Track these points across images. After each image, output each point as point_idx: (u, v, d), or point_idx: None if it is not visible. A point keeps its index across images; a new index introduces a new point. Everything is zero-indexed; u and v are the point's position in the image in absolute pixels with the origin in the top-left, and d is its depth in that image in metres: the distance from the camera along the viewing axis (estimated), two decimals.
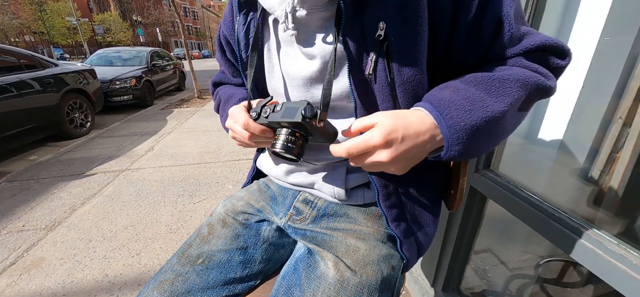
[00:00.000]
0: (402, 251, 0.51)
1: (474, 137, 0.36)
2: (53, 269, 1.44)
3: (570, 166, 0.77)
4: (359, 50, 0.40)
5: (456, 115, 0.36)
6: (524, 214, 0.68)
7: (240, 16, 0.51)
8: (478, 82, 0.38)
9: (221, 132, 3.64)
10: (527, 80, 0.38)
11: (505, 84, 0.37)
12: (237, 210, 0.60)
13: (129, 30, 35.96)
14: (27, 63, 3.24)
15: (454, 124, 0.35)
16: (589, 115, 0.71)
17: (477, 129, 0.36)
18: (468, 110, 0.36)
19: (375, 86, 0.41)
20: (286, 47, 0.48)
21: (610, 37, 0.64)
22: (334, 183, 0.51)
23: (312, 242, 0.52)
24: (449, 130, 0.36)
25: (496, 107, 0.36)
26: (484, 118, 0.36)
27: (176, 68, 7.56)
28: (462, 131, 0.35)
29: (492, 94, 0.37)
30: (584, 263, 0.58)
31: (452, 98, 0.37)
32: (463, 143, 0.36)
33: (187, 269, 0.50)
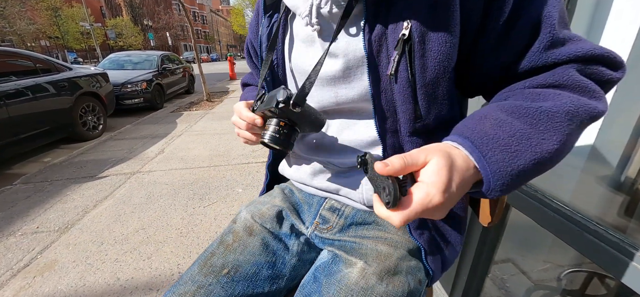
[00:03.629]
0: (426, 262, 0.48)
1: (520, 179, 0.32)
2: (66, 271, 1.46)
3: (600, 173, 0.74)
4: (381, 49, 0.39)
5: (501, 159, 0.31)
6: (552, 224, 0.64)
7: (265, 18, 0.51)
8: (522, 114, 0.33)
9: (230, 135, 3.66)
10: (578, 111, 0.33)
11: (555, 118, 0.32)
12: (264, 215, 0.56)
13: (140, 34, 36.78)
14: (43, 67, 3.33)
15: (499, 169, 0.31)
16: (622, 120, 0.67)
17: (524, 172, 0.32)
18: (514, 152, 0.31)
19: (395, 87, 0.40)
20: (307, 46, 0.47)
21: None
22: (361, 188, 0.49)
23: (340, 249, 0.50)
24: (494, 175, 0.31)
25: (545, 147, 0.32)
26: (533, 160, 0.31)
27: (186, 71, 7.67)
28: (508, 177, 0.31)
29: (539, 130, 0.32)
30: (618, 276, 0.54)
31: (495, 135, 0.32)
32: (507, 187, 0.32)
33: (210, 280, 0.46)
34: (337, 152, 0.50)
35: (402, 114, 0.41)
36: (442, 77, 0.38)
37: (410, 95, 0.39)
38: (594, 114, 0.34)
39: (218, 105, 5.80)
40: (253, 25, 0.58)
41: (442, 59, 0.37)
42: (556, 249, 1.01)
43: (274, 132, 0.42)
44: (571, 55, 0.35)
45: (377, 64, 0.40)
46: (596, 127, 0.69)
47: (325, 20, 0.43)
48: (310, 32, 0.45)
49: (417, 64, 0.37)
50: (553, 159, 0.33)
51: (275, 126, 0.42)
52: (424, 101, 0.39)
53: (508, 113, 0.34)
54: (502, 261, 1.09)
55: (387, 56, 0.39)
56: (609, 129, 0.69)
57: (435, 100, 0.40)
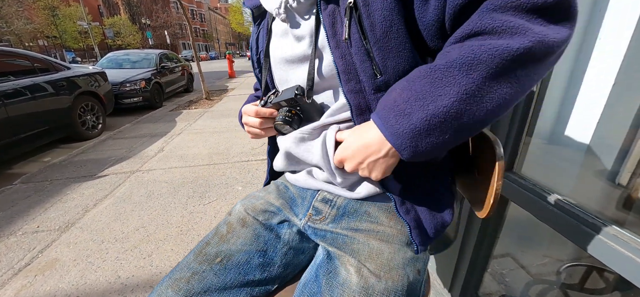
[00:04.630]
0: (412, 237, 0.48)
1: (419, 138, 0.36)
2: (67, 270, 1.46)
3: (598, 167, 0.74)
4: (335, 21, 0.44)
5: (395, 122, 0.37)
6: (551, 218, 0.65)
7: (254, 27, 0.59)
8: (421, 75, 0.37)
9: (230, 133, 3.66)
10: (477, 58, 0.32)
11: (448, 73, 0.34)
12: (257, 209, 0.59)
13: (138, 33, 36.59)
14: (41, 67, 3.32)
15: (395, 132, 0.38)
16: (620, 114, 0.67)
17: (418, 131, 0.36)
18: (407, 114, 0.36)
19: (352, 50, 0.43)
20: (283, 39, 0.53)
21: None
22: (331, 151, 0.50)
23: (333, 245, 0.50)
24: (393, 137, 0.38)
25: (439, 103, 0.34)
26: (424, 118, 0.35)
27: (184, 70, 7.65)
28: (404, 136, 0.37)
29: (435, 86, 0.35)
30: (618, 269, 0.55)
31: (395, 102, 0.38)
32: (409, 147, 0.37)
33: (204, 268, 0.49)
34: (313, 123, 0.53)
35: (362, 73, 0.44)
36: (389, 30, 0.41)
37: (365, 53, 0.42)
38: (504, 54, 0.31)
39: (217, 104, 5.79)
40: (251, 38, 0.65)
41: (386, 14, 0.40)
42: (555, 243, 1.02)
43: (286, 116, 0.50)
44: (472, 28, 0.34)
45: (335, 33, 0.44)
46: (594, 121, 0.69)
47: (290, 11, 0.49)
48: (284, 26, 0.51)
49: (366, 24, 0.41)
50: (455, 115, 0.34)
51: (286, 111, 0.50)
52: (379, 57, 0.42)
53: (411, 79, 0.39)
54: (501, 255, 1.09)
55: (341, 25, 0.43)
56: (607, 123, 0.69)
57: (390, 54, 0.42)
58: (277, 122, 0.51)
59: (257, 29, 0.59)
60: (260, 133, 0.58)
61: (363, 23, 0.41)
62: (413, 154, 0.38)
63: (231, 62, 11.47)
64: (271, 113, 0.54)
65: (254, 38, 0.60)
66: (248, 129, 0.59)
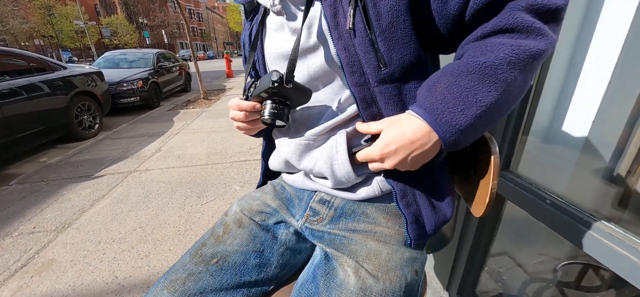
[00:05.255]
0: (407, 231, 0.48)
1: (470, 132, 0.38)
2: (63, 271, 1.45)
3: (594, 166, 0.74)
4: (337, 11, 0.42)
5: (450, 119, 0.38)
6: (547, 216, 0.65)
7: (247, 23, 0.57)
8: (468, 71, 0.38)
9: (227, 133, 3.65)
10: (519, 57, 0.36)
11: (498, 70, 0.36)
12: (253, 210, 0.58)
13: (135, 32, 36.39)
14: (37, 66, 3.29)
15: (449, 128, 0.38)
16: (616, 112, 0.68)
17: (472, 125, 0.38)
18: (461, 111, 0.37)
19: (355, 40, 0.42)
20: (278, 33, 0.51)
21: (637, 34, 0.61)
22: (338, 162, 0.49)
23: (331, 246, 0.50)
24: (445, 133, 0.38)
25: (490, 98, 0.37)
26: (478, 114, 0.37)
27: (182, 69, 7.61)
28: (458, 133, 0.38)
29: (484, 82, 0.37)
30: (612, 267, 0.55)
31: (444, 98, 0.38)
32: (460, 141, 0.39)
33: (200, 269, 0.49)
34: (314, 124, 0.51)
35: (366, 65, 0.43)
36: (396, 21, 0.40)
37: (369, 44, 0.41)
38: (536, 54, 0.36)
39: (215, 103, 5.78)
40: (242, 34, 0.63)
41: (393, 4, 0.40)
42: (551, 241, 1.02)
43: (272, 109, 0.47)
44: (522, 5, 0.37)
45: (337, 24, 0.43)
46: (589, 120, 0.70)
47: (286, 3, 0.47)
48: (280, 20, 0.49)
49: (372, 13, 0.40)
50: (501, 107, 0.38)
51: (271, 104, 0.47)
52: (384, 48, 0.41)
53: (456, 74, 0.39)
54: (498, 254, 1.10)
55: (344, 14, 0.42)
56: (603, 122, 0.69)
57: (395, 45, 0.41)
58: (264, 118, 0.47)
59: (250, 25, 0.56)
60: (248, 127, 0.55)
61: (368, 12, 0.40)
62: (459, 145, 0.40)
63: (229, 62, 11.44)
64: (253, 106, 0.51)
65: (246, 34, 0.58)
66: (236, 125, 0.57)
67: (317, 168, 0.51)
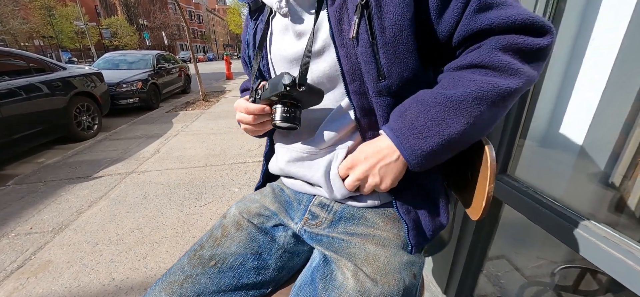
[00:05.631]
0: (408, 238, 0.49)
1: (432, 157, 0.41)
2: (60, 272, 1.44)
3: (591, 170, 0.75)
4: (342, 18, 0.43)
5: (413, 144, 0.41)
6: (544, 220, 0.65)
7: (251, 22, 0.57)
8: (436, 102, 0.40)
9: (227, 135, 3.65)
10: (486, 94, 0.39)
11: (462, 105, 0.39)
12: (252, 212, 0.58)
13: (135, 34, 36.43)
14: (36, 67, 3.29)
15: (412, 152, 0.41)
16: (611, 118, 0.68)
17: (434, 151, 0.41)
18: (425, 138, 0.40)
19: (358, 49, 0.42)
20: (282, 35, 0.52)
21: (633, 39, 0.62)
22: (335, 179, 0.50)
23: (329, 249, 0.50)
24: (408, 156, 0.42)
25: (453, 130, 0.40)
26: (440, 142, 0.40)
27: (182, 71, 7.62)
28: (420, 157, 0.41)
29: (449, 115, 0.40)
30: (609, 270, 0.55)
31: (411, 125, 0.41)
32: (422, 164, 0.42)
33: (198, 271, 0.48)
34: (315, 130, 0.52)
35: (366, 74, 0.43)
36: (399, 35, 0.41)
37: (371, 55, 0.42)
38: (505, 92, 0.39)
39: (214, 105, 5.78)
40: (243, 32, 0.63)
41: (397, 18, 0.41)
42: (549, 245, 1.02)
43: (283, 113, 0.47)
44: (494, 24, 0.39)
45: (341, 31, 0.43)
46: (586, 124, 0.70)
47: (291, 5, 0.48)
48: (284, 22, 0.50)
49: (376, 25, 0.41)
50: (464, 137, 0.41)
51: (282, 107, 0.47)
52: (385, 60, 0.42)
53: (425, 103, 0.41)
54: (496, 257, 1.10)
55: (348, 22, 0.43)
56: (599, 126, 0.70)
57: (396, 59, 0.42)
58: (276, 122, 0.47)
59: (255, 24, 0.56)
60: (256, 130, 0.55)
61: (373, 23, 0.41)
62: (424, 166, 0.42)
63: (229, 64, 11.47)
64: (263, 109, 0.50)
65: (251, 33, 0.57)
66: (243, 127, 0.56)
67: (315, 179, 0.52)
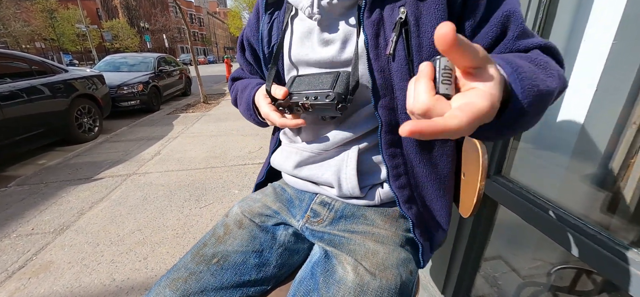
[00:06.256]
0: (415, 235, 0.50)
1: (537, 103, 0.33)
2: (61, 273, 1.45)
3: (584, 171, 0.76)
4: (378, 33, 0.43)
5: (529, 80, 0.33)
6: (538, 220, 0.67)
7: (265, 16, 0.55)
8: (531, 60, 0.37)
9: (227, 137, 3.66)
10: (559, 71, 0.37)
11: (549, 66, 0.37)
12: (254, 211, 0.59)
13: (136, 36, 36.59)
14: (38, 69, 3.32)
15: (528, 86, 0.32)
16: (603, 119, 0.70)
17: (541, 96, 0.33)
18: (535, 79, 0.33)
19: (393, 65, 0.43)
20: (305, 38, 0.51)
21: (623, 40, 0.64)
22: (345, 177, 0.51)
23: (330, 245, 0.51)
24: (523, 91, 0.32)
25: (550, 84, 0.35)
26: (546, 88, 0.34)
27: (182, 73, 7.65)
28: (532, 95, 0.32)
29: (542, 72, 0.36)
30: (601, 271, 0.56)
31: (522, 65, 0.34)
32: (529, 105, 0.32)
33: (201, 268, 0.49)
34: (327, 132, 0.53)
35: (399, 91, 0.44)
36: (437, 53, 0.41)
37: (407, 72, 0.43)
38: (564, 82, 0.38)
39: (215, 108, 5.80)
40: (252, 22, 0.61)
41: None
42: (545, 246, 1.04)
43: (322, 119, 0.49)
44: (536, 44, 0.40)
45: (377, 45, 0.43)
46: (579, 126, 0.72)
47: (324, 11, 0.47)
48: (308, 25, 0.50)
49: (414, 43, 0.41)
50: (549, 99, 0.35)
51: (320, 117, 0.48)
52: None
53: (520, 57, 0.37)
54: (493, 258, 1.11)
55: (385, 38, 0.43)
56: (591, 128, 0.71)
57: None
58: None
59: (270, 19, 0.54)
60: (289, 122, 0.52)
61: (410, 41, 0.41)
62: (520, 114, 0.33)
63: (229, 66, 11.49)
64: (297, 124, 0.49)
65: (265, 29, 0.55)
66: (276, 120, 0.53)
67: (324, 178, 0.53)
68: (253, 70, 0.70)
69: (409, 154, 0.49)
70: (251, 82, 0.64)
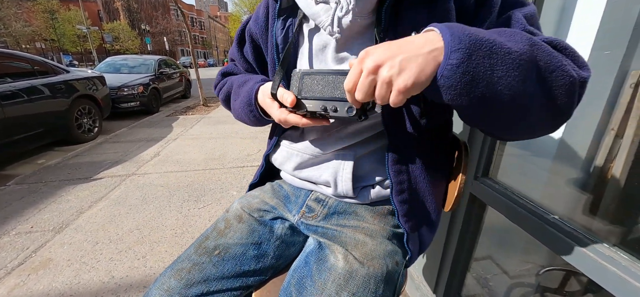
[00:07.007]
0: (407, 245, 0.54)
1: (475, 48, 0.32)
2: (60, 270, 1.47)
3: (567, 174, 0.80)
4: None
5: (461, 27, 0.34)
6: (521, 220, 0.70)
7: (278, 21, 0.55)
8: (490, 29, 0.38)
9: (226, 139, 3.69)
10: (536, 42, 0.35)
11: (516, 34, 0.36)
12: (252, 207, 0.63)
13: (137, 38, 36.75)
14: (40, 69, 3.35)
15: (457, 32, 0.33)
16: (584, 125, 0.74)
17: (480, 42, 0.33)
18: (474, 29, 0.35)
19: None
20: (321, 52, 0.53)
21: (600, 50, 0.68)
22: (341, 180, 0.55)
23: (323, 237, 0.55)
24: (451, 34, 0.33)
25: (503, 41, 0.34)
26: (489, 38, 0.33)
27: (182, 76, 7.70)
28: (465, 38, 0.32)
29: (500, 34, 0.36)
30: (578, 266, 0.60)
31: (471, 30, 0.34)
32: (463, 50, 0.32)
33: (203, 259, 0.53)
34: (319, 140, 0.56)
35: (407, 111, 0.48)
36: None
37: (420, 95, 0.45)
38: (556, 61, 0.36)
39: (214, 110, 5.84)
40: (261, 20, 0.59)
41: None
42: (532, 247, 1.07)
43: None
44: (541, 37, 0.41)
45: None
46: (560, 130, 0.76)
47: (343, 30, 0.48)
48: (325, 40, 0.51)
49: None
50: (508, 67, 0.33)
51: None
52: (430, 103, 0.46)
53: (496, 32, 0.37)
54: (483, 258, 1.14)
55: None
56: (573, 133, 0.75)
57: (440, 105, 0.46)
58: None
59: (283, 26, 0.54)
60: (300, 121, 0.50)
61: None
62: (460, 62, 0.32)
63: None
64: (322, 123, 0.48)
65: (280, 35, 0.54)
66: (290, 119, 0.50)
67: (322, 178, 0.57)
68: (249, 68, 0.68)
69: (414, 171, 0.53)
70: (253, 77, 0.62)
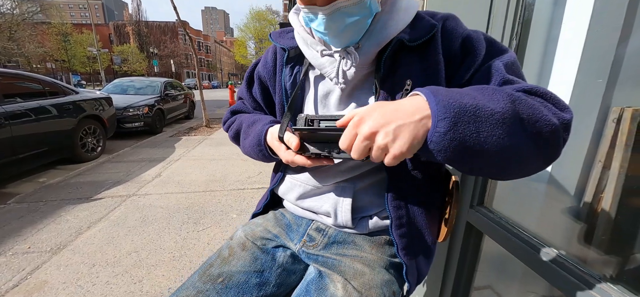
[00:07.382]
0: (406, 277, 0.56)
1: (460, 115, 0.35)
2: (55, 293, 1.45)
3: (560, 203, 0.82)
4: (389, 100, 0.51)
5: (445, 94, 0.37)
6: (515, 249, 0.71)
7: (286, 68, 0.61)
8: (472, 88, 0.41)
9: (227, 161, 3.72)
10: (516, 97, 0.38)
11: (497, 93, 0.38)
12: (256, 235, 0.65)
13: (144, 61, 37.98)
14: (51, 90, 3.47)
15: (442, 100, 0.36)
16: (573, 157, 0.77)
17: (465, 109, 0.35)
18: (458, 94, 0.37)
19: None
20: (325, 97, 0.59)
21: (583, 87, 0.72)
22: (341, 211, 0.58)
23: (324, 266, 0.57)
24: (437, 103, 0.36)
25: (485, 103, 0.36)
26: (473, 103, 0.36)
27: (187, 97, 7.89)
28: (449, 107, 0.35)
29: (483, 95, 0.38)
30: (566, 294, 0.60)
31: (454, 93, 0.38)
32: (449, 120, 0.35)
33: (207, 287, 0.54)
34: (321, 173, 0.60)
35: None
36: None
37: None
38: (535, 112, 0.37)
39: (216, 132, 5.92)
40: (269, 65, 0.65)
41: None
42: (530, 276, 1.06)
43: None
44: (522, 87, 0.43)
45: None
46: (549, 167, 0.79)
47: (350, 83, 0.55)
48: (329, 87, 0.58)
49: None
50: (493, 125, 0.35)
51: None
52: None
53: (478, 90, 0.40)
54: (483, 287, 1.13)
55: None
56: (563, 164, 0.78)
57: None
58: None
59: (291, 73, 0.60)
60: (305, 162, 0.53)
61: None
62: (447, 130, 0.35)
63: (233, 92, 11.85)
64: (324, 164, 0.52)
65: (288, 82, 0.60)
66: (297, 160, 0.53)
67: (323, 208, 0.60)
68: (258, 107, 0.74)
69: (412, 205, 0.56)
70: (262, 118, 0.65)
